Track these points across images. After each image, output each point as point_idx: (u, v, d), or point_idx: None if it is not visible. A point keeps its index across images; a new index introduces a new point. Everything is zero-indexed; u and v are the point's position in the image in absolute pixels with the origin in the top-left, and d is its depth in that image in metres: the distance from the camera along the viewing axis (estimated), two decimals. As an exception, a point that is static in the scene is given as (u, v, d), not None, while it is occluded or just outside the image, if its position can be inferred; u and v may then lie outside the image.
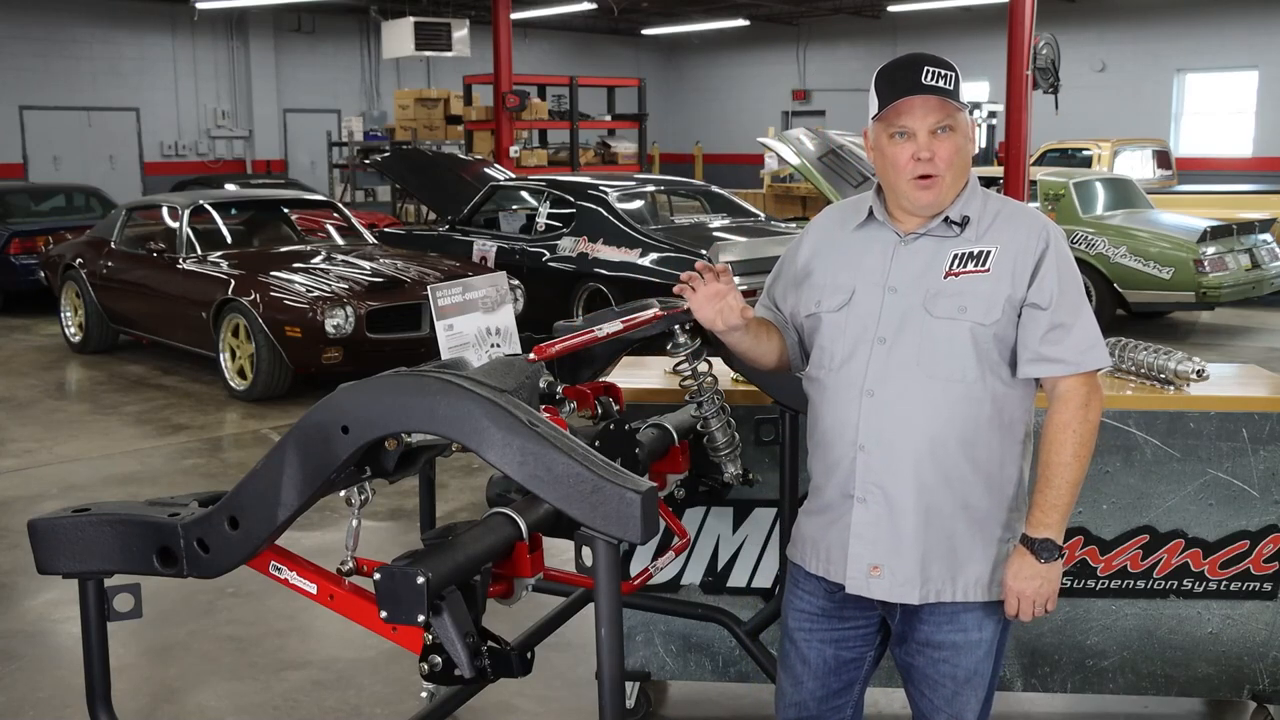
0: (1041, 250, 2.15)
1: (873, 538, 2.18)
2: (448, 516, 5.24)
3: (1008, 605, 2.20)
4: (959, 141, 2.14)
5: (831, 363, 2.22)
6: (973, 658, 2.24)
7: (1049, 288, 2.13)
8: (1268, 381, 3.44)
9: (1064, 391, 2.16)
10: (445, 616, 1.81)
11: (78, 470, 6.41)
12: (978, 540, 2.20)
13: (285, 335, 7.57)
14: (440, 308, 2.63)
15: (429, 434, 1.91)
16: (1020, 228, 2.17)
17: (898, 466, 2.15)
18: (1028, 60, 9.80)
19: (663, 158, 24.10)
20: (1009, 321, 2.14)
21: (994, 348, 2.14)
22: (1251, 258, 10.15)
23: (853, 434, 2.17)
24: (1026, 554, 2.17)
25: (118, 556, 2.01)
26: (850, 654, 2.33)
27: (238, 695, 3.81)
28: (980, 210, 2.19)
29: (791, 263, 2.36)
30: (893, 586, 2.19)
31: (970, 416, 2.14)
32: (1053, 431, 2.16)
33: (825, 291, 2.25)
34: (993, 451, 2.17)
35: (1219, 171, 19.72)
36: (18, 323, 11.24)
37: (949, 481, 2.15)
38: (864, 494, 2.18)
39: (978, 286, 2.14)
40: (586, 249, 9.03)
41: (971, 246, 2.16)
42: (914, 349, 2.14)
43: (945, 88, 2.11)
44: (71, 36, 20.53)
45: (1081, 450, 2.15)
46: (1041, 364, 2.14)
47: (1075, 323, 2.14)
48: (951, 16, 22.94)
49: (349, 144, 18.05)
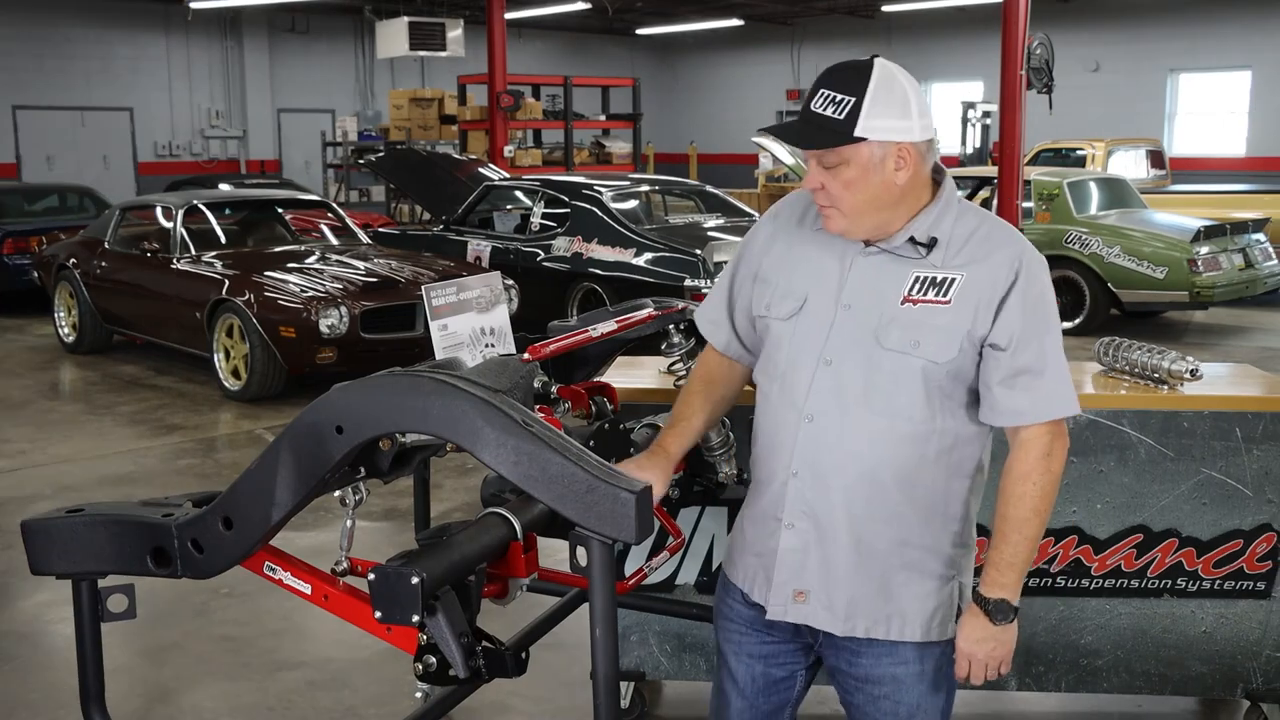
0: (1010, 282, 1.95)
1: (798, 565, 2.06)
2: (442, 516, 5.23)
3: (958, 668, 2.07)
4: (848, 175, 1.95)
5: (775, 372, 2.09)
6: (915, 692, 2.08)
7: (1011, 327, 1.94)
8: (1261, 381, 3.44)
9: (1025, 439, 1.99)
10: (440, 617, 1.80)
11: (71, 471, 6.40)
12: (915, 579, 2.05)
13: (279, 335, 7.57)
14: (435, 308, 2.63)
15: (423, 434, 1.91)
16: (992, 254, 1.97)
17: (831, 499, 2.01)
18: (1022, 60, 9.81)
19: (657, 158, 24.11)
20: (968, 359, 1.97)
21: (949, 385, 1.98)
22: (1245, 257, 10.17)
23: (787, 458, 2.04)
24: (979, 614, 2.03)
25: (111, 557, 2.00)
26: (780, 672, 2.19)
27: (232, 696, 3.81)
28: (952, 230, 2.00)
29: (750, 250, 2.20)
30: (816, 611, 2.07)
31: (913, 455, 1.98)
32: (1011, 482, 2.00)
33: (776, 295, 2.09)
34: (936, 490, 2.02)
35: (1212, 171, 19.78)
36: (11, 323, 11.21)
37: (884, 518, 2.01)
38: (792, 520, 2.05)
39: (935, 319, 1.95)
40: (581, 249, 9.03)
41: (935, 272, 1.97)
42: (860, 380, 1.98)
43: (831, 116, 1.92)
44: (65, 36, 20.51)
45: (1042, 504, 1.99)
46: (1004, 414, 1.97)
47: (1042, 367, 1.96)
48: (946, 16, 22.97)
49: (343, 144, 18.04)
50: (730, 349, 2.23)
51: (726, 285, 2.23)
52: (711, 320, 2.25)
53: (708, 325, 2.26)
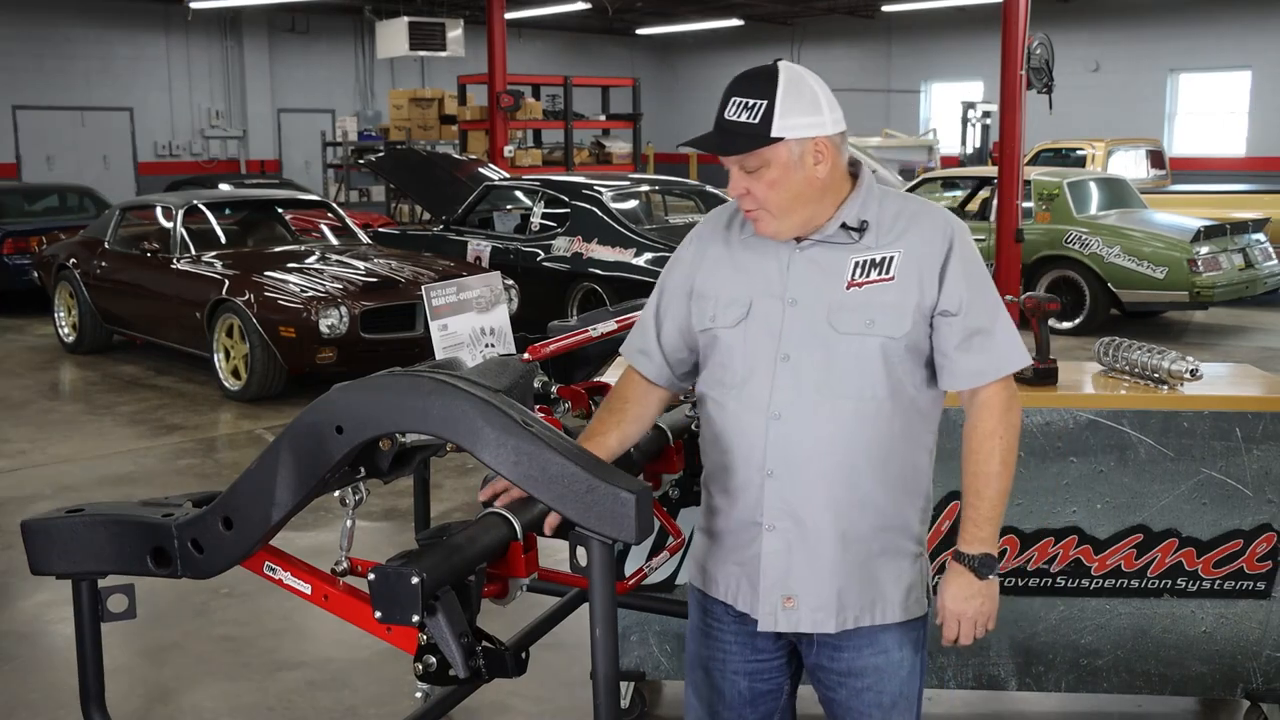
0: (946, 250, 2.02)
1: (785, 567, 2.05)
2: (442, 516, 5.23)
3: (946, 630, 2.09)
4: (772, 176, 1.98)
5: (732, 380, 2.07)
6: (896, 680, 2.11)
7: (958, 292, 2.01)
8: (1261, 381, 3.45)
9: (986, 399, 2.05)
10: (440, 617, 1.80)
11: (71, 471, 6.40)
12: (892, 560, 2.08)
13: (279, 335, 7.57)
14: (435, 308, 2.63)
15: (423, 434, 1.91)
16: (923, 228, 2.04)
17: (810, 493, 2.02)
18: (1022, 60, 9.80)
19: (657, 158, 24.10)
20: (921, 332, 2.02)
21: (907, 359, 2.03)
22: (1245, 257, 10.18)
23: (760, 459, 2.03)
24: (965, 572, 2.07)
25: (111, 557, 2.00)
26: (766, 686, 2.19)
27: (232, 696, 3.81)
28: (879, 212, 2.05)
29: (677, 275, 2.19)
30: (808, 614, 2.07)
31: (883, 434, 2.02)
32: (978, 441, 2.06)
33: (719, 305, 2.09)
34: (905, 466, 2.07)
35: (1212, 171, 19.78)
36: (11, 323, 11.21)
37: (864, 504, 2.03)
38: (773, 522, 2.04)
39: (883, 297, 2.00)
40: (581, 249, 9.03)
41: (873, 253, 2.02)
42: (821, 368, 2.01)
43: (746, 122, 1.96)
44: (65, 36, 20.51)
45: (1009, 457, 2.06)
46: (965, 376, 2.03)
47: (993, 325, 2.03)
48: (946, 16, 22.97)
49: (343, 144, 18.04)
50: (660, 376, 2.21)
51: (653, 314, 2.22)
52: (640, 350, 2.23)
53: (637, 356, 2.23)
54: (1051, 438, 3.16)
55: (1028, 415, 3.14)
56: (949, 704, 3.63)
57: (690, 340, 2.18)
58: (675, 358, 2.20)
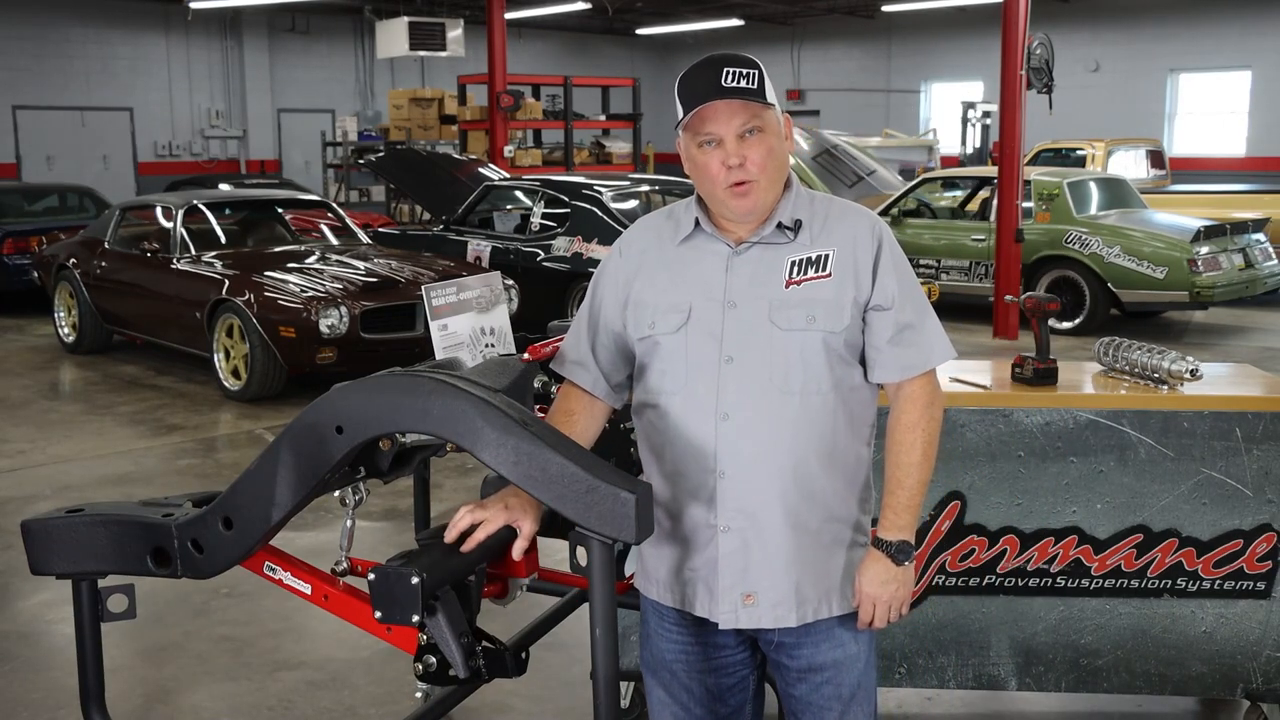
0: (876, 248, 2.09)
1: (742, 566, 2.07)
2: (442, 516, 5.22)
3: (862, 612, 2.12)
4: (770, 142, 2.04)
5: (675, 386, 2.09)
6: (854, 672, 2.16)
7: (889, 287, 2.08)
8: (1261, 381, 3.45)
9: (911, 392, 2.11)
10: (440, 617, 1.81)
11: (71, 471, 6.40)
12: (840, 551, 2.13)
13: (279, 335, 7.57)
14: (435, 308, 2.63)
15: (423, 434, 1.91)
16: (852, 226, 2.10)
17: (763, 489, 2.05)
18: (1022, 60, 9.81)
19: (657, 158, 24.07)
20: (856, 326, 2.07)
21: (846, 353, 2.08)
22: (1245, 257, 10.17)
23: (710, 461, 2.05)
24: (883, 558, 2.11)
25: (111, 557, 2.00)
26: (732, 679, 2.22)
27: (232, 696, 3.81)
28: (810, 212, 2.11)
29: (608, 285, 2.20)
30: (769, 610, 2.09)
31: (829, 426, 2.07)
32: (900, 433, 2.11)
33: (659, 312, 2.10)
34: (850, 458, 2.12)
35: (1212, 171, 19.78)
36: (11, 323, 11.22)
37: (813, 496, 2.07)
38: (728, 523, 2.06)
39: (821, 293, 2.05)
40: (581, 249, 9.03)
41: (808, 251, 2.08)
42: (765, 366, 2.04)
43: (747, 87, 2.01)
44: (65, 36, 20.50)
45: (930, 449, 2.11)
46: (895, 369, 2.09)
47: (922, 321, 2.10)
48: (945, 16, 22.97)
49: (343, 144, 18.04)
50: (597, 387, 2.21)
51: (585, 325, 2.22)
52: (575, 362, 2.23)
53: (572, 367, 2.22)
54: (1051, 438, 3.16)
55: (1029, 415, 3.15)
56: (949, 704, 3.63)
57: (626, 350, 2.18)
58: (610, 368, 2.20)
